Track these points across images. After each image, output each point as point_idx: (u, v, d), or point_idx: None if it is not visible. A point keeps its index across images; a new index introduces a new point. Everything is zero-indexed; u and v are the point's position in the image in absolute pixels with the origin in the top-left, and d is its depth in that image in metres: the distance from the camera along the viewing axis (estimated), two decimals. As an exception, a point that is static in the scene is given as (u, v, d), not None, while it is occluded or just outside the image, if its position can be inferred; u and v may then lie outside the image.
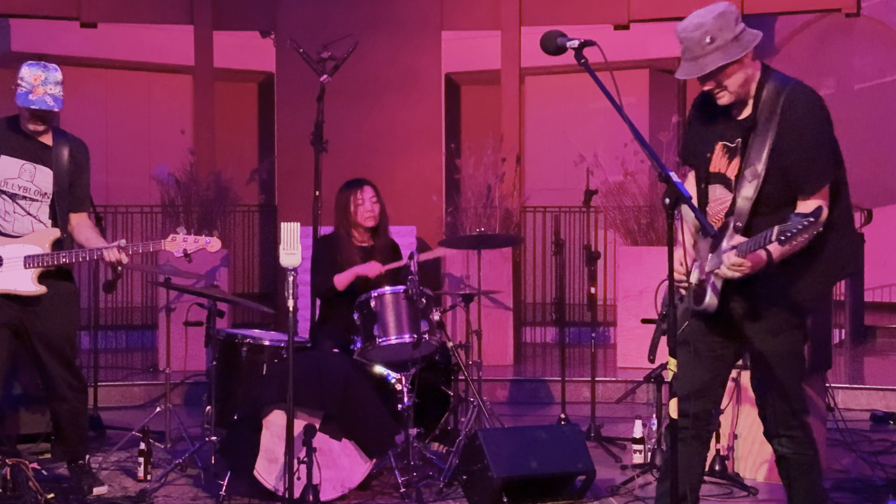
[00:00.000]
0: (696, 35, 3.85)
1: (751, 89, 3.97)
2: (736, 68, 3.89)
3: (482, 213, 9.61)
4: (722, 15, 3.86)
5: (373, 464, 5.57)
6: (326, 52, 7.08)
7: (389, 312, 5.82)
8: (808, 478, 4.11)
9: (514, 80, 10.32)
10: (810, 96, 3.94)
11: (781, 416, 4.05)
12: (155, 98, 14.11)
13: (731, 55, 3.85)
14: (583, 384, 8.43)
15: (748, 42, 3.90)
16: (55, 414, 5.63)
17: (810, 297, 4.00)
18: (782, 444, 4.09)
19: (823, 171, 3.88)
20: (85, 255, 5.33)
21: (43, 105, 5.22)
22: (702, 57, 3.86)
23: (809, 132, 3.87)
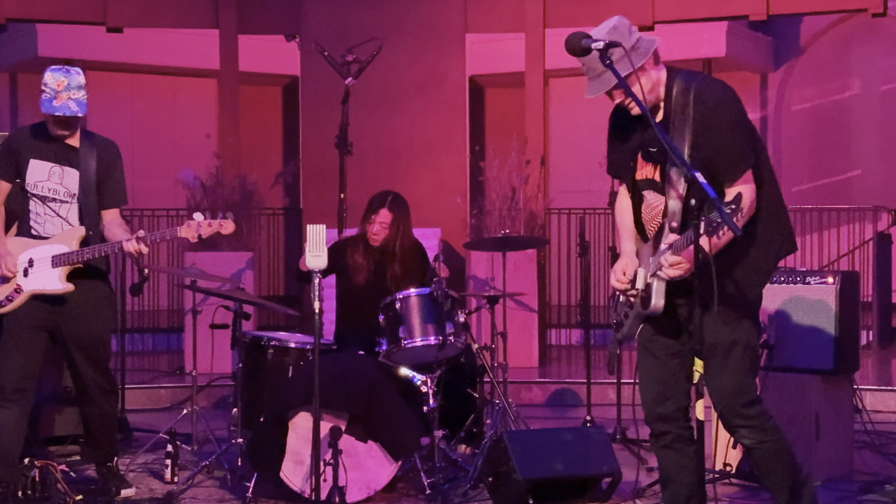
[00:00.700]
0: (591, 55, 3.87)
1: (660, 93, 4.01)
2: (639, 75, 3.92)
3: (507, 215, 9.61)
4: (615, 29, 3.93)
5: (398, 465, 5.57)
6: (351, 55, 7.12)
7: (415, 314, 5.82)
8: (778, 463, 4.10)
9: (539, 82, 10.31)
10: (718, 87, 3.99)
11: (736, 408, 4.04)
12: (180, 102, 14.18)
13: (630, 65, 3.87)
14: (608, 386, 8.40)
15: (646, 49, 3.95)
16: (85, 416, 5.67)
17: (750, 284, 4.01)
18: (743, 436, 4.10)
19: (741, 157, 3.91)
20: (106, 249, 5.37)
21: (66, 111, 5.25)
22: (604, 73, 3.88)
23: (722, 122, 3.90)
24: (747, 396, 4.05)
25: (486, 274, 9.33)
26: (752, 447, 4.11)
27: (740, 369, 4.02)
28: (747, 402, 4.05)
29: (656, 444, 4.26)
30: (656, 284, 3.95)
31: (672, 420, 4.16)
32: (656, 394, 4.18)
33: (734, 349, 4.01)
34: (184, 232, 5.36)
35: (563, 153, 12.93)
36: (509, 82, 12.49)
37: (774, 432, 4.09)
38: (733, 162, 3.89)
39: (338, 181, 6.94)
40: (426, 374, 5.79)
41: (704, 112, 3.90)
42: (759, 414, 4.07)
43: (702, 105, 3.91)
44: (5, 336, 5.36)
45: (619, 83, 3.82)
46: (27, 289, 5.34)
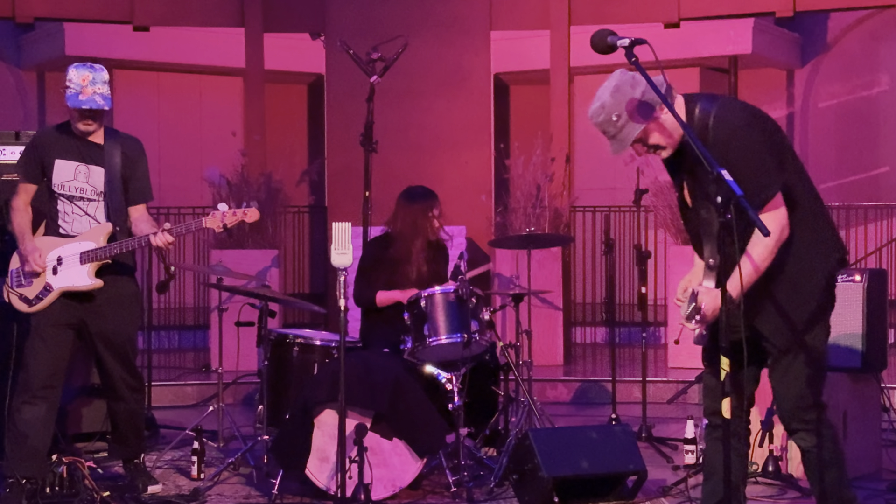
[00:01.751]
0: (602, 118, 3.97)
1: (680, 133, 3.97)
2: (653, 127, 3.95)
3: (531, 212, 9.60)
4: (617, 89, 3.95)
5: (423, 463, 5.58)
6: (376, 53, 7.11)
7: (440, 312, 5.83)
8: (829, 472, 4.10)
9: (564, 80, 10.29)
10: (734, 112, 3.96)
11: (797, 410, 4.06)
12: (206, 100, 14.23)
13: (641, 122, 3.91)
14: (634, 384, 8.39)
15: (653, 100, 3.92)
16: (113, 413, 5.71)
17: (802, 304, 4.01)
18: (802, 439, 4.11)
19: (760, 187, 3.87)
20: (133, 244, 5.39)
21: (93, 104, 5.28)
22: (618, 133, 3.95)
23: (736, 152, 3.88)
24: (808, 401, 4.06)
25: (510, 272, 9.32)
26: (806, 450, 4.12)
27: (802, 374, 4.03)
28: (808, 406, 4.06)
29: (710, 434, 4.29)
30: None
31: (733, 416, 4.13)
32: (717, 388, 4.13)
33: (798, 357, 4.03)
34: (209, 222, 5.37)
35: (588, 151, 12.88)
36: (534, 79, 12.48)
37: (831, 441, 4.10)
38: (755, 189, 3.83)
39: (363, 179, 6.94)
40: (451, 372, 5.79)
41: (720, 142, 3.88)
42: (819, 420, 4.07)
43: (716, 135, 3.90)
44: (33, 334, 5.40)
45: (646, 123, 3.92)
46: (57, 286, 5.37)
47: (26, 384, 5.35)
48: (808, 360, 4.05)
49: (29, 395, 5.33)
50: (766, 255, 3.89)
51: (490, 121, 10.68)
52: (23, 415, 5.33)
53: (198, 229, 5.49)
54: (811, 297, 4.05)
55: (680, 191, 4.16)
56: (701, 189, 3.96)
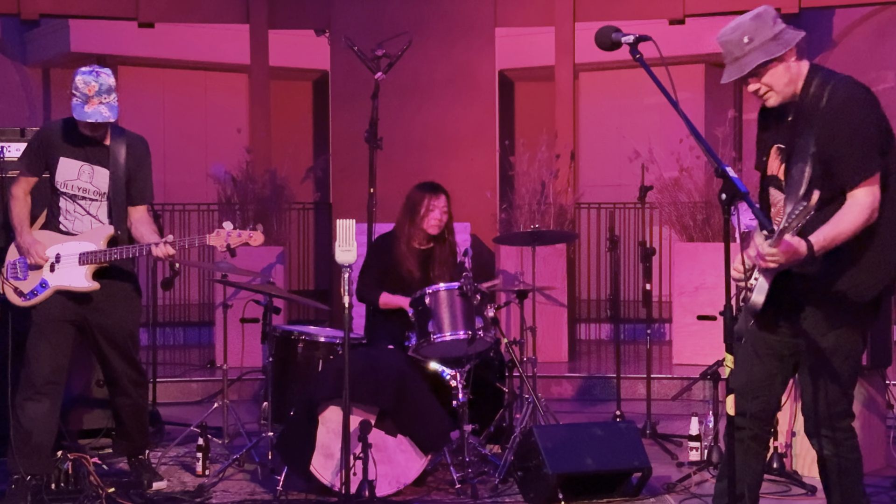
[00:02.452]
0: (734, 37, 3.88)
1: (798, 87, 3.95)
2: (777, 66, 3.89)
3: (536, 209, 9.59)
4: (759, 16, 3.89)
5: (428, 460, 5.59)
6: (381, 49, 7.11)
7: (444, 309, 5.83)
8: (846, 479, 4.05)
9: (569, 76, 10.28)
10: (852, 88, 3.91)
11: (825, 416, 3.98)
12: (211, 97, 14.24)
13: (770, 53, 3.85)
14: (638, 381, 8.40)
15: (788, 40, 3.88)
16: (117, 409, 5.72)
17: (860, 294, 3.90)
18: (823, 445, 4.03)
19: (862, 162, 3.82)
20: (135, 251, 5.39)
21: (98, 118, 5.25)
22: (742, 57, 3.87)
23: (846, 124, 3.83)
24: (840, 407, 3.99)
25: (515, 268, 9.32)
26: (827, 457, 4.05)
27: (838, 378, 3.96)
28: (838, 412, 3.99)
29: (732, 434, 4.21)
30: (760, 281, 3.91)
31: (755, 419, 4.09)
32: (746, 389, 4.06)
33: (835, 357, 3.94)
34: (212, 240, 5.37)
35: (593, 147, 12.89)
36: (539, 76, 12.47)
37: (854, 451, 4.04)
38: (852, 166, 3.80)
39: (367, 176, 6.94)
40: (455, 369, 5.79)
41: (831, 112, 3.84)
42: (845, 428, 4.01)
43: (830, 105, 3.85)
44: (34, 330, 5.40)
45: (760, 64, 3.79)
46: (52, 284, 5.38)
47: (29, 381, 5.35)
48: (847, 362, 3.96)
49: (32, 392, 5.33)
50: (853, 222, 3.76)
51: (495, 118, 10.68)
52: (26, 411, 5.33)
53: (201, 245, 5.48)
54: (870, 291, 3.92)
55: (766, 155, 4.08)
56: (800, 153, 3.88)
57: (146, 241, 5.39)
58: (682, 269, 9.42)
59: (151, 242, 5.34)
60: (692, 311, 9.22)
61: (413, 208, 6.30)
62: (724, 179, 3.56)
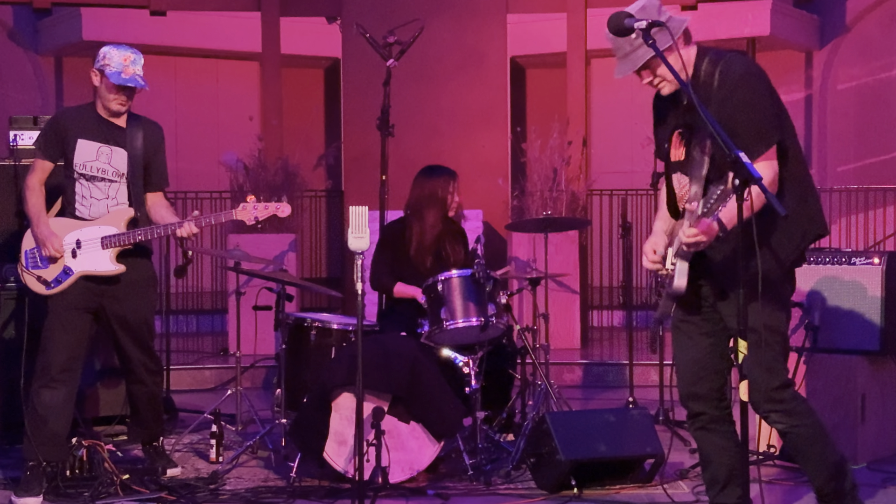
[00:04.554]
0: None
1: (689, 73, 3.98)
2: (667, 55, 3.89)
3: (548, 196, 9.58)
4: (643, 9, 3.93)
5: (441, 446, 5.59)
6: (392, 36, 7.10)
7: (457, 296, 5.83)
8: (814, 447, 4.08)
9: (581, 63, 10.26)
10: (743, 64, 3.96)
11: (763, 392, 4.00)
12: (223, 85, 14.24)
13: (658, 44, 3.85)
14: (651, 368, 8.39)
15: (675, 28, 3.91)
16: (132, 396, 5.74)
17: (772, 268, 3.94)
18: (775, 420, 4.08)
19: (762, 133, 3.87)
20: (160, 231, 5.41)
21: (136, 83, 5.31)
22: (632, 52, 3.92)
23: (743, 97, 3.88)
24: (777, 380, 4.02)
25: (527, 255, 9.31)
26: (785, 431, 4.09)
27: (769, 353, 3.98)
28: (776, 386, 4.02)
29: (693, 425, 4.27)
30: (679, 264, 3.95)
31: (706, 400, 4.16)
32: (690, 374, 4.19)
33: (755, 331, 3.94)
34: (240, 214, 5.40)
35: (605, 134, 12.86)
36: (551, 63, 12.44)
37: (807, 416, 4.07)
38: (753, 139, 3.85)
39: (379, 163, 6.94)
40: (468, 356, 5.80)
41: (727, 88, 3.90)
42: (789, 398, 4.04)
43: (725, 81, 3.91)
44: (51, 318, 5.41)
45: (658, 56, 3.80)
46: (77, 270, 5.38)
47: (45, 368, 5.36)
48: (774, 337, 4.00)
49: (48, 379, 5.35)
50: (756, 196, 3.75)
51: (507, 104, 10.66)
52: (42, 399, 5.34)
53: (227, 220, 5.50)
54: (782, 265, 3.99)
55: (667, 143, 4.12)
56: (699, 133, 3.93)
57: (167, 222, 5.40)
58: (694, 255, 9.39)
59: (175, 222, 5.36)
60: (705, 297, 9.19)
61: (434, 194, 6.28)
62: (737, 165, 3.55)
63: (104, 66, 5.31)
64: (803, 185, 4.05)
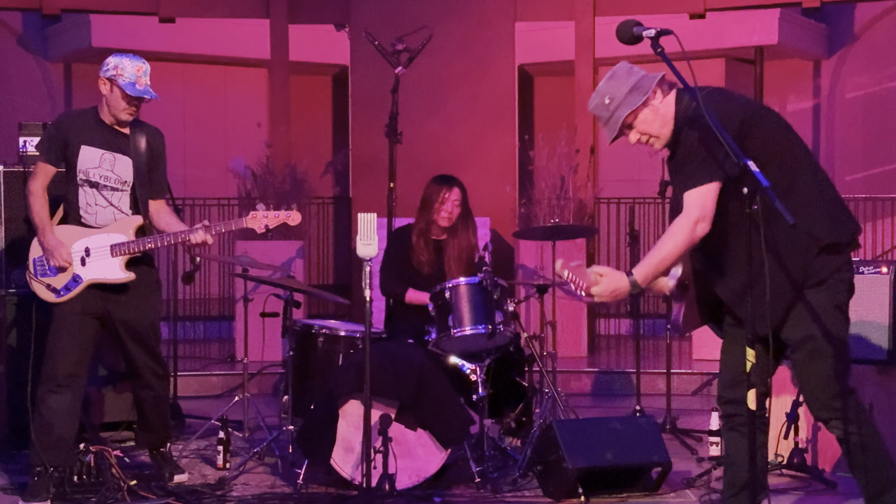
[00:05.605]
0: (597, 101, 4.09)
1: (672, 125, 4.05)
2: (647, 114, 4.03)
3: (556, 204, 9.58)
4: (613, 75, 4.06)
5: (448, 454, 5.59)
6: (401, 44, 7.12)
7: (464, 303, 5.83)
8: (866, 457, 4.07)
9: (588, 71, 10.26)
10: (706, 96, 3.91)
11: (821, 400, 4.04)
12: (231, 92, 14.27)
13: (631, 105, 3.99)
14: (658, 376, 8.39)
15: (646, 86, 4.00)
16: (139, 401, 5.74)
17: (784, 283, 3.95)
18: (833, 427, 4.08)
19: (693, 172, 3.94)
20: (170, 239, 5.41)
21: (149, 94, 5.34)
22: (610, 118, 4.05)
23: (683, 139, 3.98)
24: (833, 389, 4.02)
25: (535, 263, 9.31)
26: (841, 438, 4.08)
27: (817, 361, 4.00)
28: (834, 394, 4.02)
29: (725, 425, 4.30)
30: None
31: (742, 405, 4.10)
32: (730, 378, 4.19)
33: (810, 343, 3.99)
34: (250, 223, 5.42)
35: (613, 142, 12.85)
36: (559, 71, 12.45)
37: (865, 426, 4.06)
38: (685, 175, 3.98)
39: (387, 170, 6.95)
40: (475, 363, 5.80)
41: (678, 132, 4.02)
42: (848, 406, 4.03)
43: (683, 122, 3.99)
44: (57, 323, 5.41)
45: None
46: (87, 278, 5.38)
47: (51, 374, 5.37)
48: (826, 348, 4.00)
49: (54, 385, 5.35)
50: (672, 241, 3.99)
51: (514, 112, 10.66)
52: (49, 404, 5.35)
53: (238, 228, 5.52)
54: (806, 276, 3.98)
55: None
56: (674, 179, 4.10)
57: (175, 230, 5.41)
58: (702, 263, 9.38)
59: (185, 230, 5.37)
60: (712, 306, 9.18)
61: (428, 201, 6.33)
62: (746, 173, 3.56)
63: (116, 77, 5.30)
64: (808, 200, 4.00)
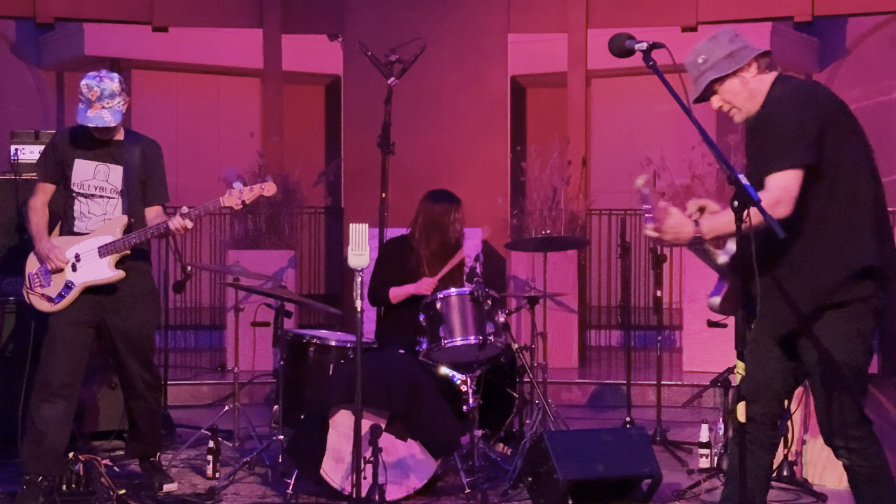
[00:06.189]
0: (691, 59, 4.06)
1: (759, 103, 4.03)
2: (735, 83, 4.01)
3: (548, 215, 9.60)
4: (714, 37, 4.06)
5: (438, 464, 5.59)
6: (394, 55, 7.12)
7: (455, 314, 5.84)
8: (874, 488, 4.02)
9: (581, 83, 10.29)
10: (789, 86, 3.97)
11: (835, 427, 3.97)
12: (224, 101, 14.27)
13: (721, 70, 3.98)
14: (649, 388, 8.40)
15: (743, 56, 3.99)
16: (131, 411, 5.74)
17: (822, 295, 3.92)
18: (841, 455, 4.02)
19: (782, 151, 3.87)
20: (152, 231, 5.42)
21: (99, 122, 5.32)
22: (699, 77, 4.04)
23: (775, 115, 3.94)
24: (850, 416, 3.96)
25: (526, 274, 9.32)
26: (849, 467, 4.03)
27: (844, 387, 3.95)
28: (849, 422, 3.96)
29: (733, 438, 4.24)
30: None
31: (757, 422, 4.10)
32: (749, 393, 4.06)
33: (824, 368, 3.95)
34: (227, 201, 5.43)
35: (605, 154, 12.88)
36: (551, 82, 12.47)
37: (875, 458, 4.00)
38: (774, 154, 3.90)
39: (380, 180, 6.96)
40: (466, 374, 5.80)
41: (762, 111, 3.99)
42: (860, 437, 3.97)
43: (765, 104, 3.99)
44: (52, 332, 5.42)
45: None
46: (78, 282, 5.39)
47: (45, 382, 5.37)
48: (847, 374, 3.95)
49: (48, 394, 5.35)
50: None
51: (507, 123, 10.68)
52: (41, 413, 5.35)
53: (216, 209, 5.53)
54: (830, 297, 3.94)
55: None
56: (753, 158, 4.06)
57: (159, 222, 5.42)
58: (692, 276, 9.41)
59: (165, 220, 5.37)
60: (703, 318, 9.16)
61: (436, 221, 6.31)
62: (737, 187, 3.57)
63: (77, 100, 5.33)
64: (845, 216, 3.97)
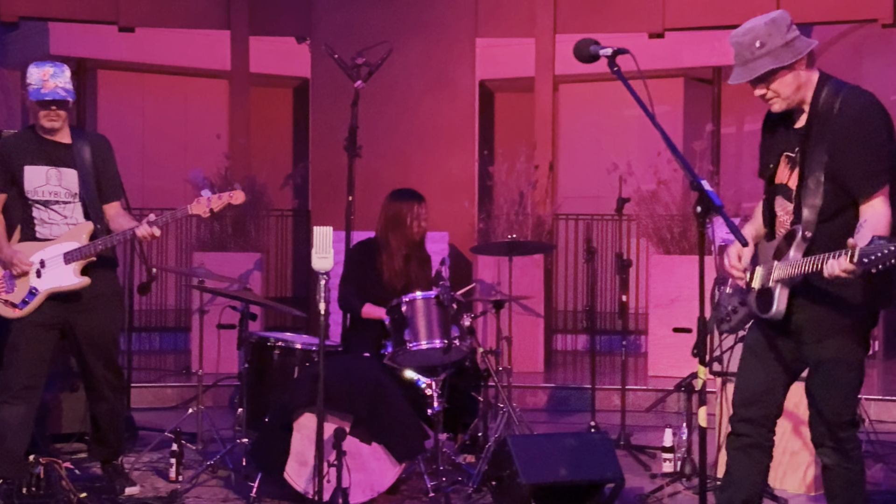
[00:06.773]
0: (746, 39, 3.90)
1: (806, 97, 3.96)
2: (786, 73, 3.89)
3: (514, 219, 9.62)
4: (773, 21, 3.89)
5: (402, 468, 5.59)
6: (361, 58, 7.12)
7: (420, 317, 5.84)
8: (849, 491, 4.05)
9: (548, 88, 10.33)
10: (864, 98, 3.91)
11: (827, 425, 3.99)
12: (191, 102, 14.21)
13: (780, 60, 3.86)
14: (613, 392, 8.43)
15: (800, 48, 3.90)
16: (94, 414, 5.69)
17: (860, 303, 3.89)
18: (826, 455, 4.04)
19: (876, 171, 3.81)
20: (119, 238, 5.37)
21: (56, 96, 5.24)
22: (752, 61, 3.89)
23: (860, 133, 3.83)
24: (844, 417, 3.99)
25: (492, 278, 9.34)
26: (830, 467, 4.04)
27: (835, 385, 3.96)
28: (843, 423, 3.99)
29: (733, 444, 4.17)
30: (780, 290, 3.91)
31: (756, 425, 4.11)
32: (747, 397, 4.10)
33: (836, 366, 3.95)
34: (195, 209, 5.39)
35: (572, 159, 12.93)
36: (519, 87, 12.50)
37: (856, 462, 4.03)
38: (866, 175, 3.81)
39: (346, 183, 6.95)
40: (431, 378, 5.80)
41: (845, 121, 3.85)
42: (850, 439, 4.00)
43: (843, 114, 3.86)
44: (15, 333, 5.37)
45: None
46: (43, 289, 5.34)
47: (6, 385, 5.33)
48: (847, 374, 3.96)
49: (9, 395, 5.31)
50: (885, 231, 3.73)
51: (475, 127, 10.71)
52: (2, 415, 5.30)
53: (183, 217, 5.48)
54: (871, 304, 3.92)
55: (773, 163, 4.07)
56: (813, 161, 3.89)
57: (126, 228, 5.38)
58: (658, 281, 9.47)
59: (132, 226, 5.33)
60: (668, 323, 9.26)
61: (398, 217, 6.31)
62: (700, 193, 3.59)
63: (27, 86, 5.27)
64: None
